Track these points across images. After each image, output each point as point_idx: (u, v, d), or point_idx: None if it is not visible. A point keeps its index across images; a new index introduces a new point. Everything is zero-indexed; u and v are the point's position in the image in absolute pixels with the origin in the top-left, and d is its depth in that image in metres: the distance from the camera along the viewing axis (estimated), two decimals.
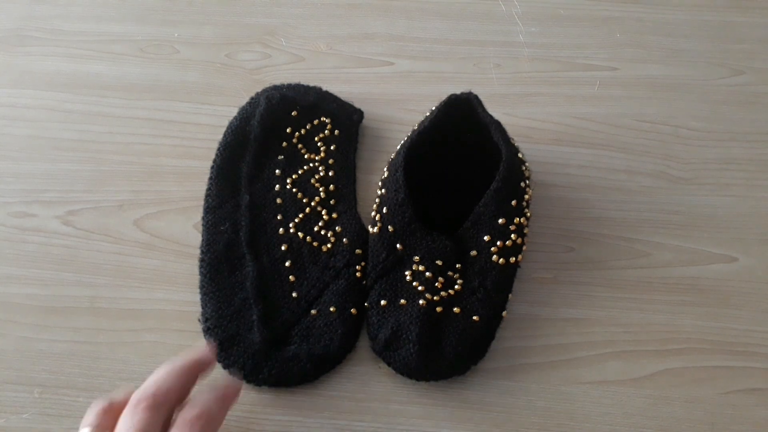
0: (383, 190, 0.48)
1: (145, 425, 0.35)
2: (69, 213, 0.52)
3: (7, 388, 0.46)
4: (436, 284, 0.45)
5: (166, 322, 0.47)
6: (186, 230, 0.51)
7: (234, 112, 0.56)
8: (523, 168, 0.49)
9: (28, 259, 0.50)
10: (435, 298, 0.45)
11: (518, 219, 0.46)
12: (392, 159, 0.49)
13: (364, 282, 0.47)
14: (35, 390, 0.46)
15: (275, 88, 0.55)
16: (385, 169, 0.50)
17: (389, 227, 0.46)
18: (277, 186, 0.51)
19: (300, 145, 0.53)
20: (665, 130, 0.56)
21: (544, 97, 0.57)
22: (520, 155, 0.49)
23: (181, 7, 0.63)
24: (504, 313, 0.46)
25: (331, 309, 0.46)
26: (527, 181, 0.48)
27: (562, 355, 0.46)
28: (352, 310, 0.46)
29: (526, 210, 0.47)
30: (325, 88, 0.57)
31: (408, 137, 0.49)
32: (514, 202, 0.46)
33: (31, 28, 0.61)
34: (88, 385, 0.45)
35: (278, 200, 0.50)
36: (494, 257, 0.45)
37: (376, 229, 0.47)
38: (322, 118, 0.54)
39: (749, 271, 0.50)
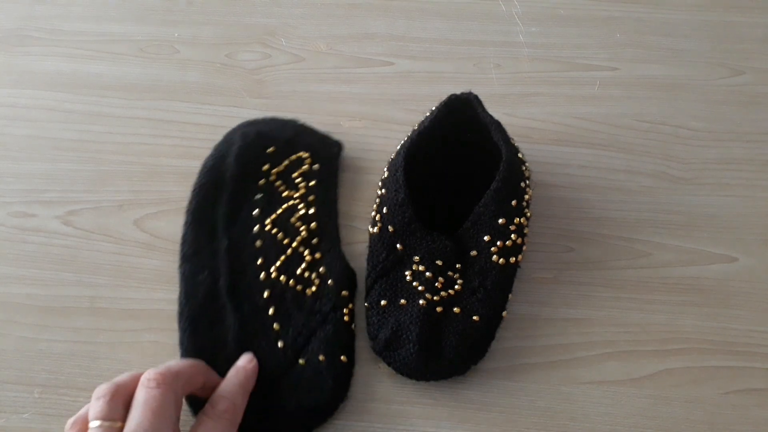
0: (383, 190, 0.48)
1: (158, 402, 0.36)
2: (69, 213, 0.52)
3: (7, 388, 0.46)
4: (436, 284, 0.45)
5: (166, 322, 0.47)
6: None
7: (234, 112, 0.56)
8: (523, 168, 0.49)
9: (28, 259, 0.50)
10: (435, 298, 0.45)
11: (518, 219, 0.46)
12: (392, 159, 0.49)
13: (353, 325, 0.46)
14: (35, 390, 0.46)
15: (250, 123, 0.54)
16: (385, 169, 0.49)
17: (389, 227, 0.46)
18: (256, 227, 0.49)
19: (278, 182, 0.51)
20: (665, 130, 0.56)
21: (544, 97, 0.57)
22: (520, 155, 0.49)
23: (181, 7, 0.63)
24: (504, 313, 0.46)
25: (320, 358, 0.44)
26: (527, 181, 0.48)
27: (562, 355, 0.46)
28: (341, 357, 0.45)
29: (526, 210, 0.47)
30: (325, 88, 0.57)
31: (408, 137, 0.49)
32: (514, 202, 0.46)
33: (31, 28, 0.61)
34: (88, 385, 0.45)
35: (258, 243, 0.48)
36: (494, 257, 0.45)
37: (376, 229, 0.47)
38: (300, 153, 0.52)
39: (749, 271, 0.50)
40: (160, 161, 0.54)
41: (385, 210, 0.47)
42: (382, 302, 0.46)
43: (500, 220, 0.45)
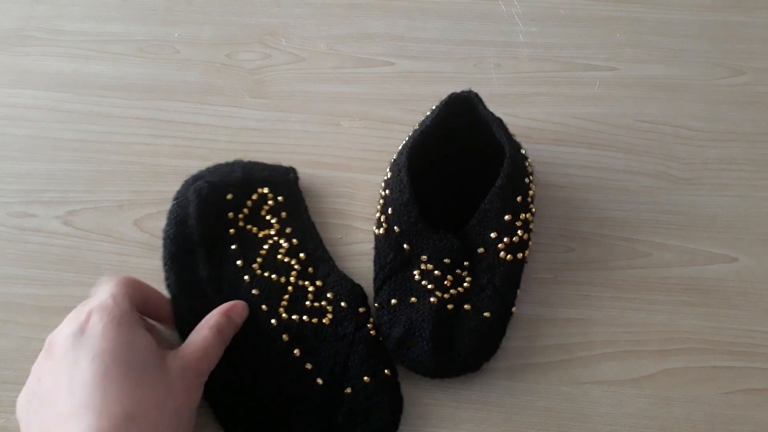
0: (387, 191, 0.48)
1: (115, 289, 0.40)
2: (69, 213, 0.52)
3: (8, 388, 0.46)
4: (445, 282, 0.45)
5: None
6: None
7: (234, 112, 0.56)
8: (526, 164, 0.49)
9: (28, 259, 0.50)
10: (445, 296, 0.45)
11: (524, 215, 0.46)
12: (395, 159, 0.49)
13: (381, 337, 0.46)
14: None
15: (196, 178, 0.51)
16: (388, 170, 0.49)
17: (395, 228, 0.46)
18: (246, 277, 0.47)
19: (249, 226, 0.49)
20: (665, 130, 0.56)
21: (544, 97, 0.57)
22: (522, 151, 0.49)
23: (181, 7, 0.63)
24: (513, 309, 0.46)
25: (365, 379, 0.43)
26: (531, 177, 0.48)
27: (562, 355, 0.46)
28: (385, 371, 0.44)
29: (531, 206, 0.47)
30: (325, 88, 0.57)
31: (410, 137, 0.49)
32: (519, 198, 0.46)
33: (31, 28, 0.61)
34: None
35: (254, 291, 0.46)
36: (501, 254, 0.45)
37: (381, 231, 0.47)
38: (259, 190, 0.50)
39: (749, 271, 0.50)
40: (160, 161, 0.54)
41: (390, 211, 0.47)
42: (393, 301, 0.46)
43: (506, 217, 0.45)
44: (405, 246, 0.46)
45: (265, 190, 0.50)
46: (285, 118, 0.56)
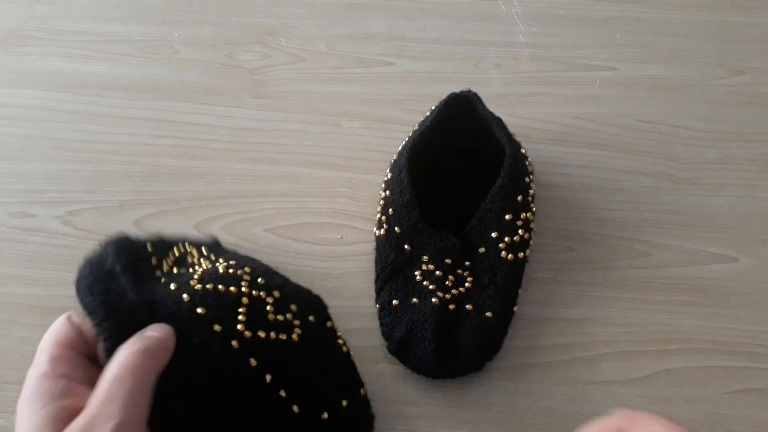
0: (387, 192, 0.48)
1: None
2: (69, 213, 0.52)
3: (7, 388, 0.46)
4: (447, 282, 0.45)
5: None
6: (186, 230, 0.51)
7: (234, 112, 0.56)
8: (527, 163, 0.49)
9: (28, 259, 0.50)
10: (447, 296, 0.45)
11: (524, 214, 0.46)
12: (395, 160, 0.49)
13: (351, 354, 0.43)
14: None
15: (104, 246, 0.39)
16: (388, 170, 0.50)
17: (396, 228, 0.46)
18: (185, 295, 0.36)
19: (176, 269, 0.40)
20: (665, 130, 0.56)
21: (544, 97, 0.57)
22: (522, 150, 0.49)
23: (181, 7, 0.63)
24: (515, 309, 0.46)
25: (343, 403, 0.40)
26: (531, 176, 0.48)
27: (562, 355, 0.46)
28: (361, 391, 0.42)
29: (532, 205, 0.47)
30: (324, 88, 0.57)
31: (410, 137, 0.49)
32: (519, 198, 0.46)
33: (31, 28, 0.61)
34: None
35: (199, 310, 0.36)
36: (503, 253, 0.45)
37: (382, 231, 0.47)
38: (181, 245, 0.42)
39: (749, 271, 0.50)
40: (160, 161, 0.54)
41: (390, 211, 0.47)
42: (394, 302, 0.46)
43: (507, 216, 0.45)
44: (406, 246, 0.46)
45: (187, 245, 0.43)
46: (285, 118, 0.56)
